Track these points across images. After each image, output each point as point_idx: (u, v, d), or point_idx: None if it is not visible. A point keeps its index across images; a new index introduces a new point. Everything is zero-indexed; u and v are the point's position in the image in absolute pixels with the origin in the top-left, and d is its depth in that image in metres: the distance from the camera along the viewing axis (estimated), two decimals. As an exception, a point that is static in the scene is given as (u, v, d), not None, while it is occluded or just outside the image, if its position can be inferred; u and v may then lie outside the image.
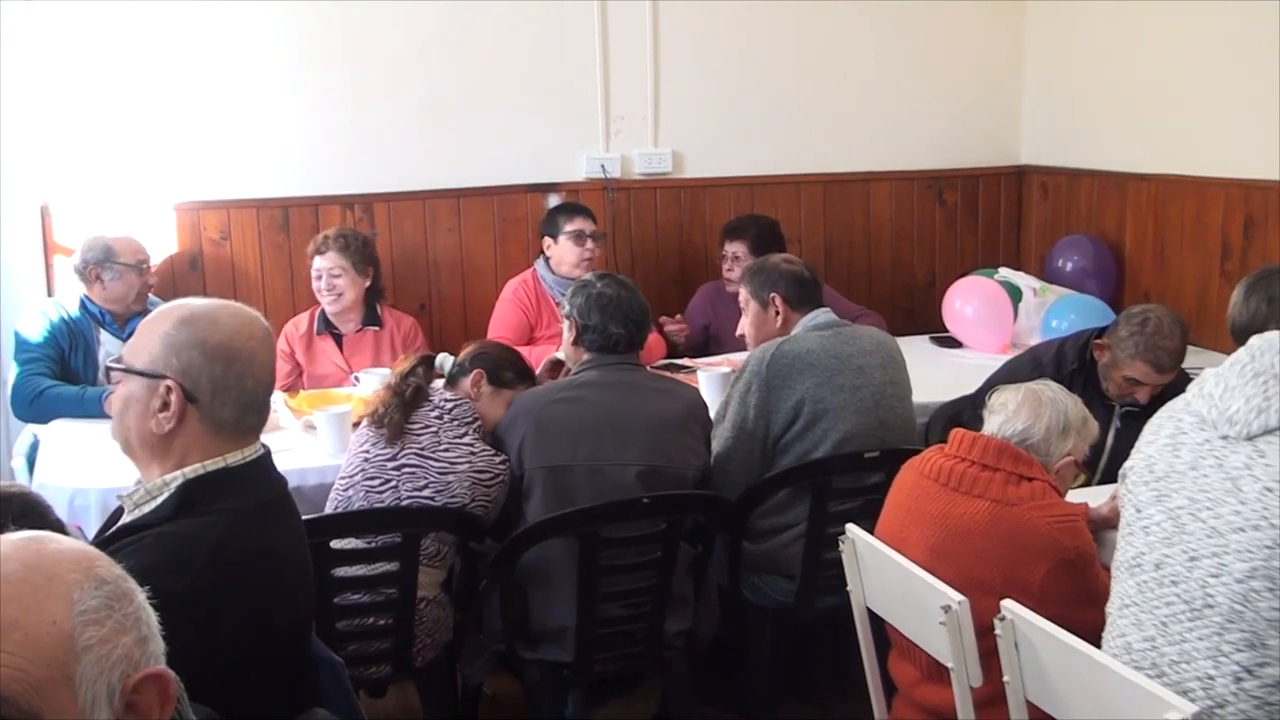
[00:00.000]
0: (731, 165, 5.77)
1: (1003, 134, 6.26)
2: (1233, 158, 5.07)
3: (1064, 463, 2.85)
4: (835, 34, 5.86)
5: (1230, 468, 2.15)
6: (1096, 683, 2.15)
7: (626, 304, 3.52)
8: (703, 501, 3.45)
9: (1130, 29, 5.56)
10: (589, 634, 3.28)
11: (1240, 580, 2.07)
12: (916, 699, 2.83)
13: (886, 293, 6.05)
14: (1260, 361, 2.20)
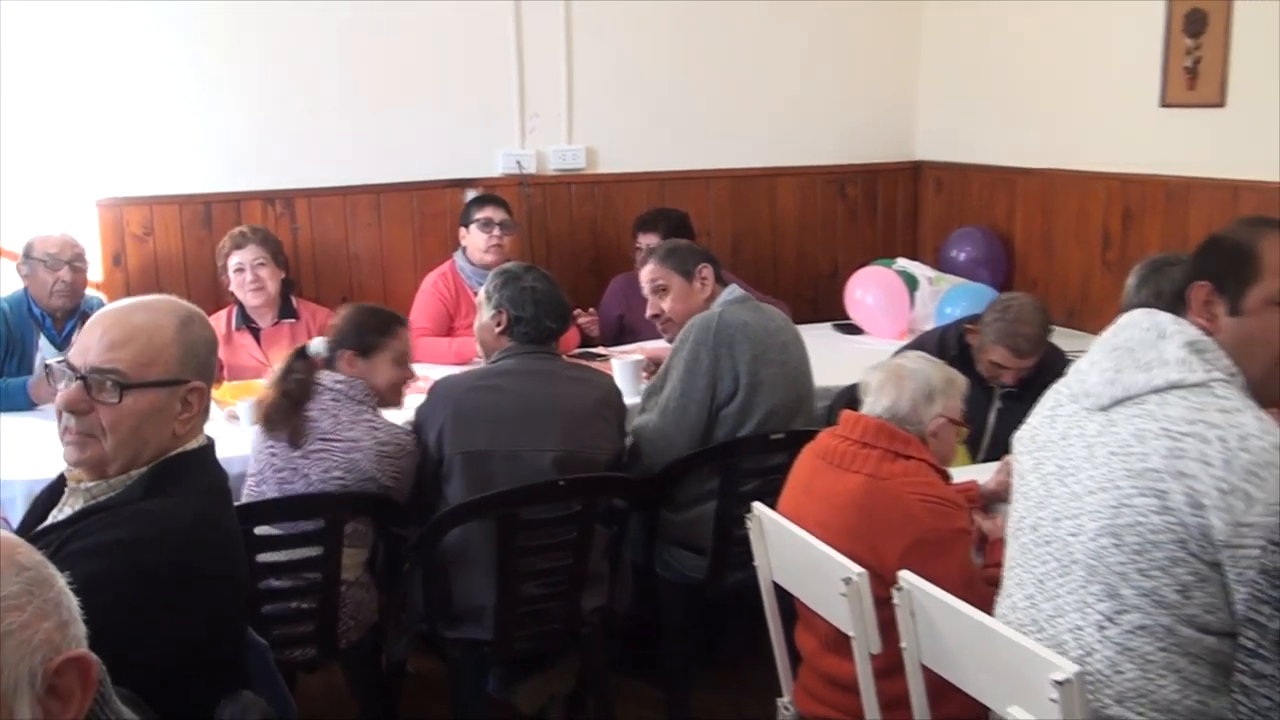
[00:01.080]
0: (643, 161, 5.76)
1: (899, 132, 6.32)
2: (1112, 153, 5.16)
3: (937, 424, 2.87)
4: (743, 36, 5.87)
5: (1088, 436, 2.20)
6: (987, 646, 2.18)
7: (557, 299, 3.53)
8: (617, 484, 3.45)
9: (1017, 32, 5.64)
10: (508, 613, 3.27)
11: (1093, 538, 2.11)
12: (820, 667, 2.85)
13: (791, 283, 6.07)
14: (1118, 337, 2.24)
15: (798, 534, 2.68)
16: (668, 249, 3.96)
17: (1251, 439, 2.00)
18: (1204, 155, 4.74)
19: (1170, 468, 2.03)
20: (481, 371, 3.51)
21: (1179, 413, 2.07)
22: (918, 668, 2.39)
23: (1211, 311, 2.19)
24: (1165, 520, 2.03)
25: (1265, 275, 2.14)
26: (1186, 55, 4.77)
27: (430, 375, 4.28)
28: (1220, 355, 2.13)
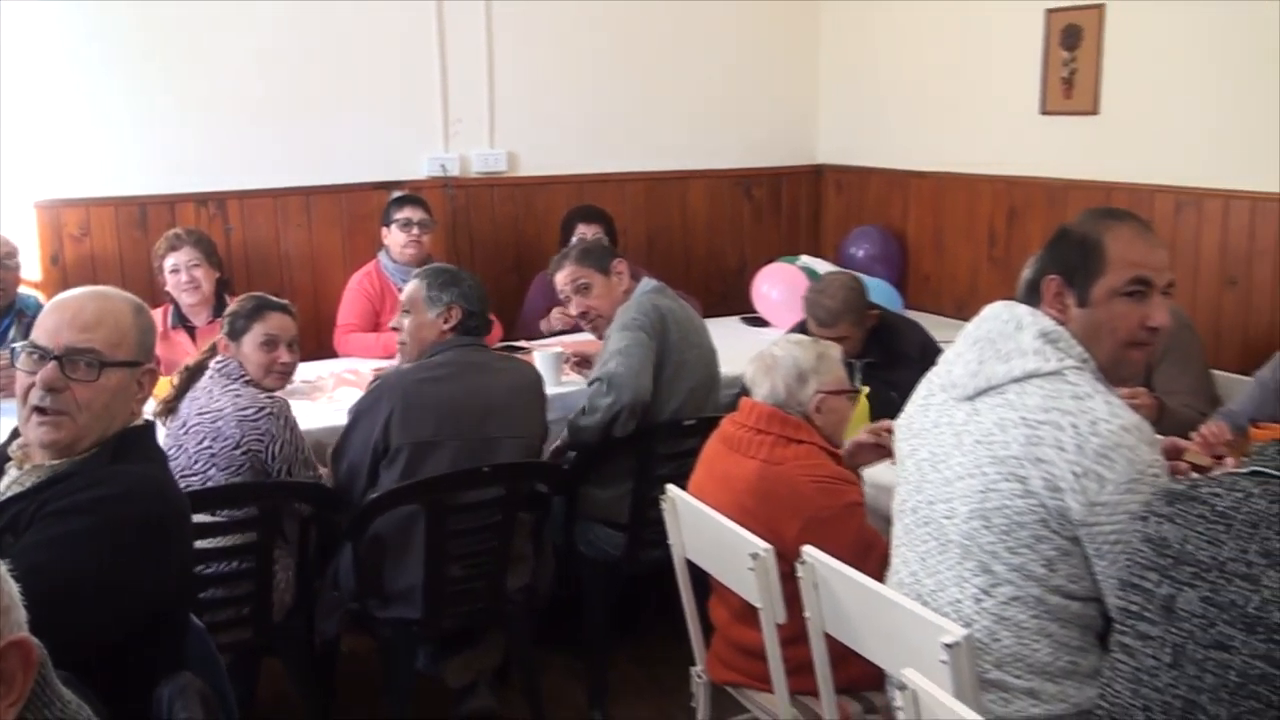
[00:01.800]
0: (562, 164, 5.77)
1: (802, 137, 6.39)
2: (997, 157, 5.27)
3: (817, 400, 2.89)
4: (655, 47, 5.90)
5: (956, 425, 2.24)
6: (883, 614, 2.23)
7: (486, 297, 3.57)
8: (539, 469, 3.48)
9: (909, 45, 5.73)
10: (436, 593, 3.28)
11: (965, 520, 2.17)
12: (731, 636, 2.89)
13: (702, 278, 6.11)
14: (980, 330, 2.29)
15: (708, 513, 2.71)
16: (581, 250, 4.00)
17: (1101, 423, 2.06)
18: (1080, 159, 4.86)
19: (1029, 454, 2.09)
20: (427, 364, 3.47)
21: (1036, 401, 2.13)
22: (820, 635, 2.44)
23: (1063, 302, 2.24)
24: (1028, 503, 2.09)
25: (1110, 269, 2.19)
26: (1063, 67, 4.89)
27: (359, 368, 4.32)
28: (1072, 344, 2.19)
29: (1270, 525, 1.70)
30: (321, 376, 4.28)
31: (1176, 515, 1.83)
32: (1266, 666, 1.62)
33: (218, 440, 3.21)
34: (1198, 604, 1.74)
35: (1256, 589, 1.67)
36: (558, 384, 4.05)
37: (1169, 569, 1.80)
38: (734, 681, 2.92)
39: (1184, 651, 1.73)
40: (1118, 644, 1.87)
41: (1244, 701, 1.64)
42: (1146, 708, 1.76)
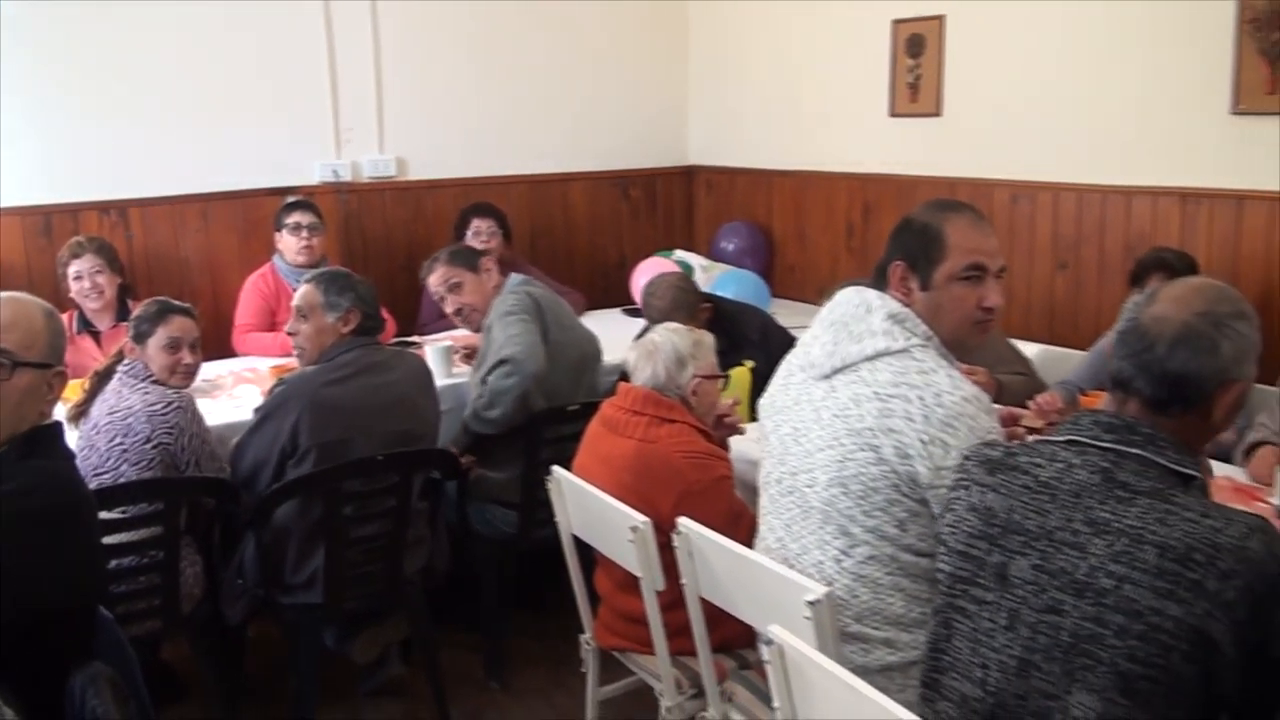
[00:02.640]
0: (449, 169, 5.75)
1: (674, 140, 6.45)
2: (853, 156, 5.38)
3: (694, 384, 2.94)
4: (534, 56, 5.91)
5: (815, 401, 2.29)
6: (752, 577, 2.28)
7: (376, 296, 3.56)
8: (431, 456, 3.48)
9: (770, 52, 5.81)
10: (337, 578, 3.27)
11: (825, 488, 2.22)
12: (616, 605, 2.93)
13: (585, 273, 6.14)
14: (834, 314, 2.34)
15: (591, 491, 2.74)
16: (449, 253, 4.00)
17: (944, 395, 2.13)
18: (926, 157, 5.00)
19: (881, 426, 2.15)
20: (330, 367, 3.41)
21: (886, 377, 2.18)
22: (696, 600, 2.48)
23: (907, 286, 2.30)
24: (880, 470, 2.14)
25: (949, 255, 2.26)
26: (909, 73, 5.01)
27: (258, 366, 4.28)
28: (918, 323, 2.25)
29: (1092, 495, 1.75)
30: (221, 375, 4.21)
31: (1000, 485, 1.87)
32: (1095, 627, 1.67)
33: (129, 436, 3.16)
34: (1029, 571, 1.77)
35: (1084, 556, 1.71)
36: (449, 376, 4.06)
37: (998, 538, 1.84)
38: (619, 646, 2.96)
39: (1019, 615, 1.77)
40: (952, 606, 1.90)
41: (1076, 659, 1.68)
42: (984, 665, 1.81)
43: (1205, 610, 1.58)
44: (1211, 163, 3.98)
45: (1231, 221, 3.95)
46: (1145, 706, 1.62)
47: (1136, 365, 1.79)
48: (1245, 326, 1.78)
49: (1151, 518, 1.67)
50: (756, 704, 2.54)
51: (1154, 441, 1.76)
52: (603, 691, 3.13)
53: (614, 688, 3.16)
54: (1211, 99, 3.93)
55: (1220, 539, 1.61)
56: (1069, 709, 1.68)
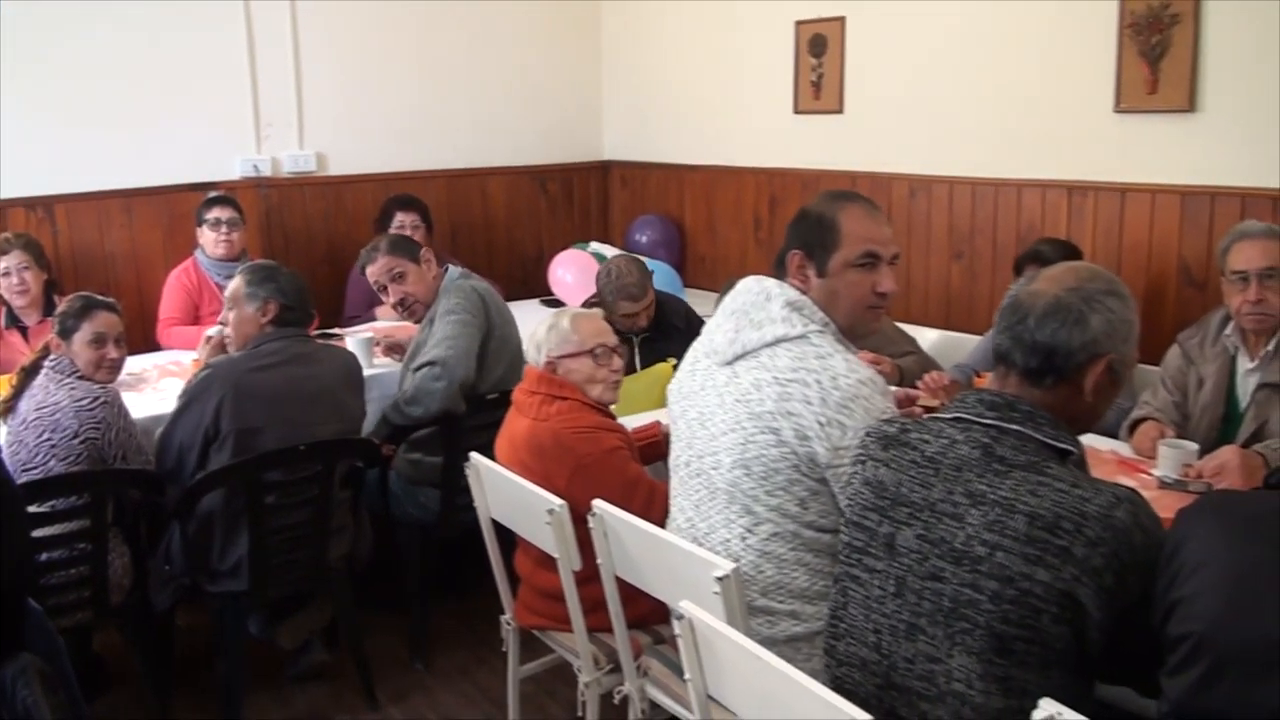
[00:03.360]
0: (368, 164, 5.71)
1: (590, 136, 6.47)
2: (760, 152, 5.44)
3: (547, 364, 2.94)
4: (452, 51, 5.88)
5: (719, 387, 2.33)
6: (663, 555, 2.31)
7: (305, 288, 3.52)
8: (352, 446, 3.46)
9: (680, 51, 5.85)
10: (261, 566, 3.25)
11: (730, 470, 2.26)
12: (535, 583, 2.93)
13: (504, 266, 6.14)
14: (735, 302, 2.38)
15: (507, 476, 2.75)
16: (390, 242, 3.96)
17: (841, 378, 2.18)
18: (829, 152, 5.07)
19: (781, 409, 2.19)
20: (256, 354, 3.38)
21: (785, 363, 2.22)
22: (612, 577, 2.51)
23: (805, 274, 2.34)
24: (781, 451, 2.19)
25: (844, 244, 2.31)
26: (812, 71, 5.07)
27: (181, 360, 4.23)
28: (815, 310, 2.30)
29: (972, 469, 1.80)
30: (146, 369, 4.16)
31: (891, 460, 1.92)
32: (972, 593, 1.72)
33: (56, 431, 3.12)
34: (914, 541, 1.83)
35: (962, 526, 1.77)
36: (369, 367, 4.02)
37: (888, 509, 1.89)
38: (539, 625, 2.98)
39: (905, 583, 1.83)
40: (848, 575, 1.94)
41: (956, 623, 1.74)
42: (877, 630, 1.87)
43: (1073, 575, 1.65)
44: (1096, 158, 4.09)
45: (1115, 212, 4.07)
46: (1021, 665, 1.69)
47: (1012, 337, 1.87)
48: (1116, 303, 1.85)
49: (1024, 489, 1.73)
50: (671, 677, 2.57)
51: (1032, 418, 1.82)
52: (523, 669, 3.16)
53: (535, 665, 3.19)
54: (1095, 98, 4.04)
55: (1088, 508, 1.67)
56: (952, 671, 1.74)
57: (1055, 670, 1.69)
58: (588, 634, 2.70)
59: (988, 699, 1.71)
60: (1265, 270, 3.01)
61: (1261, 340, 3.08)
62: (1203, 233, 3.82)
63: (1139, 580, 1.68)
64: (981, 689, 1.72)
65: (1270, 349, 3.05)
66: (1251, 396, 3.07)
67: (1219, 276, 3.18)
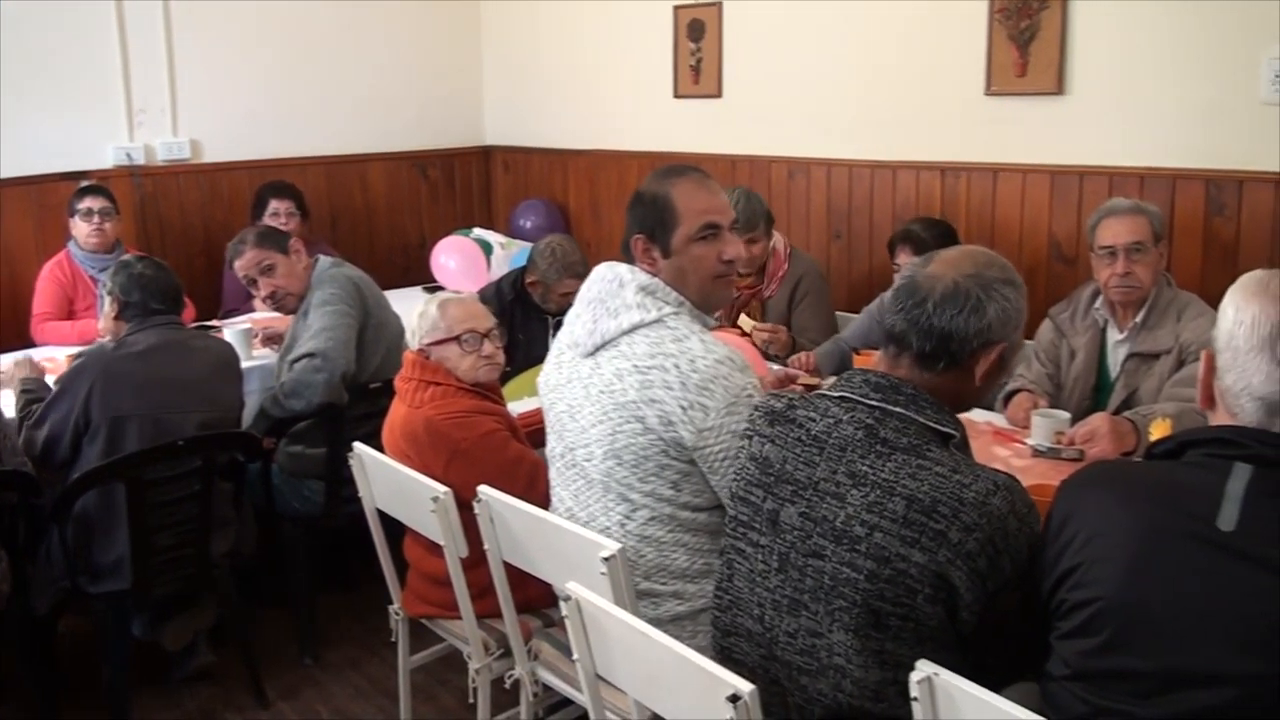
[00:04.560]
0: (244, 150, 5.59)
1: (470, 121, 6.41)
2: (641, 136, 5.46)
3: (419, 352, 2.92)
4: (329, 33, 5.79)
5: (583, 378, 2.34)
6: (550, 539, 2.31)
7: (163, 282, 3.41)
8: (233, 439, 3.39)
9: (560, 35, 5.84)
10: (143, 564, 3.17)
11: (602, 461, 2.28)
12: (424, 570, 2.90)
13: (385, 253, 6.07)
14: (591, 291, 2.39)
15: (391, 465, 2.73)
16: (257, 234, 3.88)
17: (698, 360, 2.19)
18: (709, 136, 5.11)
19: (643, 397, 2.21)
20: (126, 342, 3.30)
21: (643, 349, 2.24)
22: (499, 562, 2.50)
23: (651, 257, 2.35)
24: (649, 439, 2.21)
25: (683, 219, 2.31)
26: (691, 56, 5.10)
27: (56, 356, 4.09)
28: (668, 292, 2.31)
29: (855, 449, 1.83)
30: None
31: (777, 437, 1.94)
32: (850, 572, 1.76)
33: None
34: (797, 518, 1.85)
35: (843, 506, 1.79)
36: (248, 359, 3.96)
37: (772, 486, 1.91)
38: (428, 614, 2.96)
39: (788, 559, 1.85)
40: (733, 548, 1.96)
41: (835, 600, 1.77)
42: (760, 604, 1.89)
43: (947, 558, 1.69)
44: (968, 139, 4.19)
45: (988, 192, 4.16)
46: (896, 640, 1.73)
47: (908, 321, 1.87)
48: (1012, 293, 1.88)
49: (905, 472, 1.76)
50: (561, 659, 2.57)
51: (916, 401, 1.84)
52: (414, 659, 3.13)
53: (425, 654, 3.17)
54: (967, 81, 4.13)
55: (966, 494, 1.71)
56: (832, 646, 1.78)
57: (929, 645, 1.73)
58: (477, 620, 2.70)
59: (865, 672, 1.76)
60: (1132, 245, 3.11)
61: (1130, 312, 3.19)
62: (1072, 210, 3.93)
63: (1011, 564, 1.73)
64: (859, 663, 1.75)
65: (1138, 321, 3.16)
66: (1121, 366, 3.18)
67: (1088, 252, 3.29)
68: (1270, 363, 1.57)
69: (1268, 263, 3.29)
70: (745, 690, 1.62)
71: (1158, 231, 3.16)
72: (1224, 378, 1.63)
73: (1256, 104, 3.44)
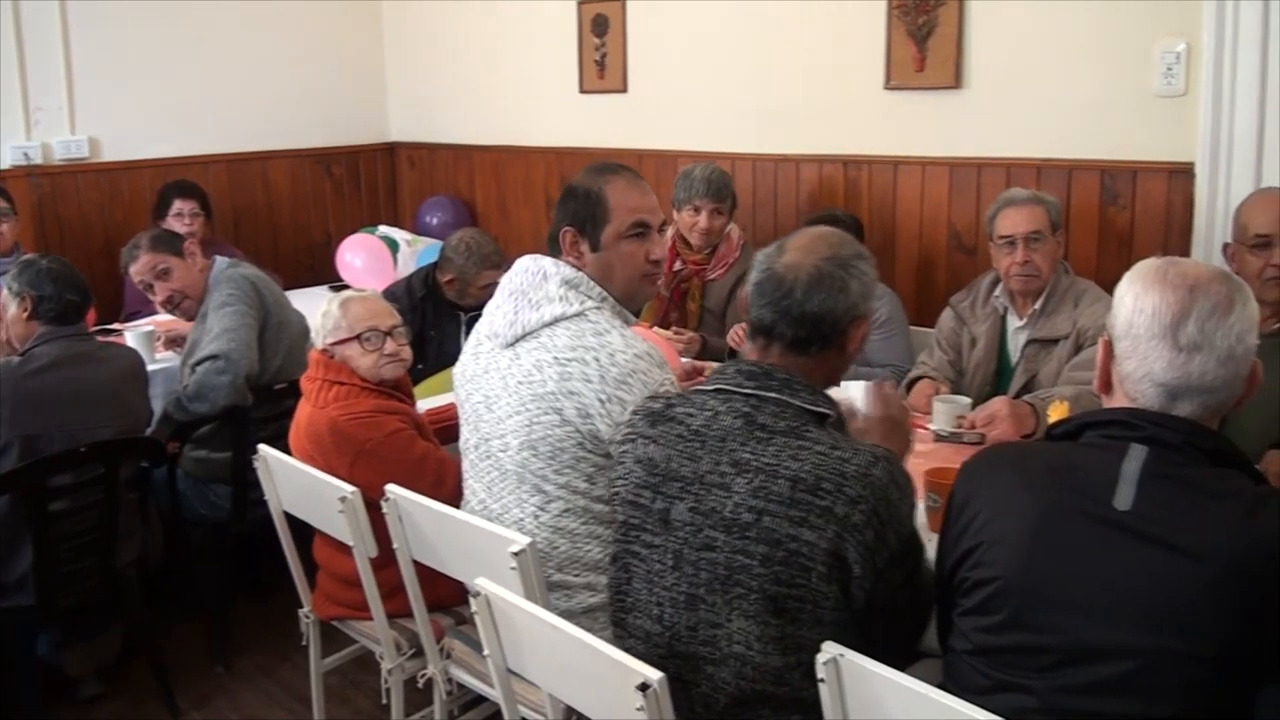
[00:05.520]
0: (146, 149, 5.46)
1: (375, 117, 6.35)
2: (548, 132, 5.45)
3: (323, 353, 2.89)
4: (229, 32, 5.68)
5: (502, 369, 2.34)
6: (459, 535, 2.31)
7: (72, 276, 3.32)
8: (136, 445, 3.31)
9: (464, 30, 5.81)
10: (47, 577, 3.09)
11: (518, 452, 2.28)
12: (334, 570, 2.88)
13: (290, 252, 5.99)
14: (513, 283, 2.39)
15: (297, 466, 2.70)
16: (151, 238, 3.80)
17: (618, 354, 2.21)
18: (615, 131, 5.12)
19: (562, 389, 2.22)
20: (32, 357, 3.20)
21: (564, 341, 2.25)
22: (409, 561, 2.49)
23: (579, 250, 2.37)
24: (565, 430, 2.22)
25: (614, 216, 2.34)
26: (595, 51, 5.11)
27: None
28: (592, 286, 2.33)
29: (735, 438, 1.84)
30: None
31: (659, 437, 1.94)
32: (744, 559, 1.77)
33: None
34: (687, 514, 1.86)
35: (729, 495, 1.81)
36: (151, 363, 3.89)
37: (660, 486, 1.91)
38: (339, 615, 2.93)
39: (682, 555, 1.86)
40: (627, 552, 1.96)
41: (732, 589, 1.79)
42: (659, 603, 1.90)
43: (836, 533, 1.71)
44: (869, 133, 4.25)
45: (889, 185, 4.23)
46: (795, 623, 1.75)
47: (777, 311, 1.90)
48: (866, 265, 1.94)
49: (786, 454, 1.78)
50: (474, 656, 2.57)
51: (789, 385, 1.86)
52: (326, 662, 3.11)
53: (337, 657, 3.14)
54: (868, 76, 4.19)
55: (847, 468, 1.74)
56: (732, 635, 1.79)
57: (829, 627, 1.76)
58: (388, 620, 2.68)
59: (767, 658, 1.78)
60: (1030, 234, 3.19)
61: (1029, 300, 3.27)
62: (971, 201, 4.01)
63: (896, 536, 1.76)
64: (760, 649, 1.77)
65: (1037, 308, 3.24)
66: (1021, 352, 3.26)
67: (987, 242, 3.35)
68: (1172, 349, 1.62)
69: (1161, 250, 3.40)
70: (655, 678, 1.65)
71: (1055, 221, 3.24)
72: (1124, 364, 1.68)
73: (1149, 96, 3.54)
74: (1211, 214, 3.44)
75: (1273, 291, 2.79)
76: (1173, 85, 3.48)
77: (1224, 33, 3.33)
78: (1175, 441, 1.60)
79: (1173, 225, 3.56)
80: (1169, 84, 3.49)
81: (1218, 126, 3.40)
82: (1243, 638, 1.51)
